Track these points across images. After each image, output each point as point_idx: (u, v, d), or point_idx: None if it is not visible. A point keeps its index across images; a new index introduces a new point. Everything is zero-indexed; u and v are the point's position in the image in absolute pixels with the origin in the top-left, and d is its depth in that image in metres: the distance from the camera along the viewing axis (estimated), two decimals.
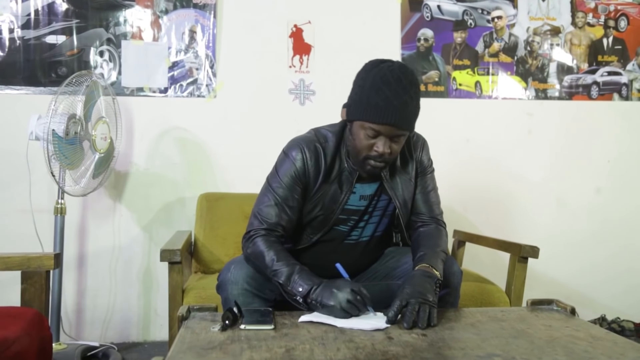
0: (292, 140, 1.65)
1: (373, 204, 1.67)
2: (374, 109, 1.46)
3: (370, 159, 1.53)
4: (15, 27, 2.74)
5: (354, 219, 1.66)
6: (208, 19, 2.88)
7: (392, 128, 1.48)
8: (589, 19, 3.18)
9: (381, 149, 1.50)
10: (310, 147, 1.60)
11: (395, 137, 1.51)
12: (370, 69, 1.52)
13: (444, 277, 1.53)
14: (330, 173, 1.61)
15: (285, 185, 1.59)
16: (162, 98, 2.85)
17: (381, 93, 1.46)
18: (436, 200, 1.77)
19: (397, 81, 1.46)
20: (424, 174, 1.75)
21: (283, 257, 1.50)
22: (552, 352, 1.14)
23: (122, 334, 2.82)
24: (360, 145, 1.53)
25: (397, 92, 1.45)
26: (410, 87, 1.48)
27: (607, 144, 3.16)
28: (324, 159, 1.60)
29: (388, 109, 1.45)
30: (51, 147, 2.28)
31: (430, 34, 3.05)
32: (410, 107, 1.49)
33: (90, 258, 2.80)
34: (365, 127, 1.50)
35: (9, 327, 1.29)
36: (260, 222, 1.58)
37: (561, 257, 3.03)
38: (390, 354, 1.11)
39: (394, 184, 1.66)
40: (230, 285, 1.52)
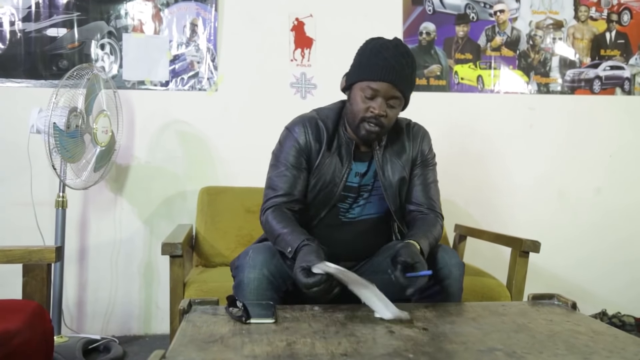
0: (295, 118, 1.75)
1: (368, 183, 1.72)
2: (373, 67, 1.58)
3: (366, 121, 1.61)
4: (16, 20, 2.73)
5: (352, 197, 1.71)
6: (209, 12, 2.87)
7: (389, 86, 1.57)
8: (592, 13, 3.16)
9: (377, 110, 1.58)
10: (311, 122, 1.70)
11: (391, 98, 1.60)
12: (371, 41, 1.65)
13: (444, 268, 1.56)
14: (330, 147, 1.69)
15: (292, 156, 1.67)
16: (163, 91, 2.85)
17: (380, 55, 1.58)
18: (436, 193, 1.81)
19: (394, 47, 1.59)
20: (425, 165, 1.79)
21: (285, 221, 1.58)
22: (553, 346, 1.14)
23: (124, 327, 2.82)
24: (357, 108, 1.61)
25: (395, 54, 1.57)
26: (407, 55, 1.60)
27: (609, 139, 3.16)
28: (325, 132, 1.68)
29: (386, 67, 1.56)
30: (52, 140, 2.28)
31: (432, 27, 3.03)
32: (407, 71, 1.59)
33: (92, 251, 2.80)
34: (363, 88, 1.59)
35: (11, 320, 1.30)
36: (273, 190, 1.67)
37: (562, 251, 3.03)
38: (392, 347, 1.11)
39: (384, 164, 1.71)
40: (248, 269, 1.52)
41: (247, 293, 1.50)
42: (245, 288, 1.51)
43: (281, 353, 1.06)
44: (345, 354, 1.06)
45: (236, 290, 1.55)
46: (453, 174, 3.02)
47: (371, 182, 1.73)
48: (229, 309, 1.31)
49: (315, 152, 1.67)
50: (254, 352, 1.06)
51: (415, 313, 1.38)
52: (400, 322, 1.28)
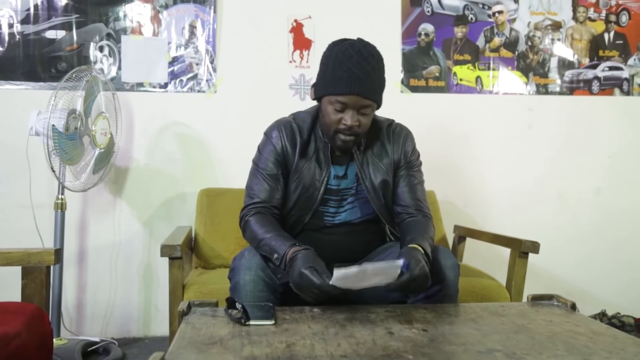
0: (272, 123, 1.77)
1: (351, 186, 1.71)
2: (337, 81, 1.55)
3: (339, 132, 1.60)
4: (15, 22, 2.73)
5: (335, 200, 1.71)
6: (208, 14, 2.87)
7: (357, 98, 1.55)
8: (590, 14, 3.17)
9: (349, 122, 1.57)
10: (287, 126, 1.71)
11: (361, 108, 1.58)
12: (332, 47, 1.62)
13: (439, 270, 1.55)
14: (307, 150, 1.69)
15: (270, 162, 1.69)
16: (162, 93, 2.85)
17: (343, 66, 1.55)
18: (422, 194, 1.77)
19: (358, 54, 1.55)
20: (409, 167, 1.76)
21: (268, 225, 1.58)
22: (553, 347, 1.14)
23: (123, 329, 2.82)
24: (329, 121, 1.60)
25: (358, 63, 1.54)
26: (371, 58, 1.56)
27: (608, 139, 3.16)
28: (299, 136, 1.69)
29: (350, 79, 1.53)
30: (51, 143, 2.28)
31: (430, 28, 3.04)
32: (373, 77, 1.57)
33: (91, 253, 2.80)
34: (332, 102, 1.58)
35: (10, 322, 1.30)
36: (251, 198, 1.68)
37: (562, 252, 3.03)
38: (391, 349, 1.11)
39: (365, 166, 1.70)
40: (244, 271, 1.52)
41: (243, 295, 1.50)
42: (241, 290, 1.51)
43: (280, 355, 1.06)
44: (344, 355, 1.06)
45: (232, 292, 1.55)
46: (452, 175, 3.03)
47: (354, 185, 1.72)
48: (228, 310, 1.31)
49: (292, 156, 1.68)
50: (254, 353, 1.06)
51: (415, 314, 1.38)
52: (399, 324, 1.28)
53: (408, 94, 2.99)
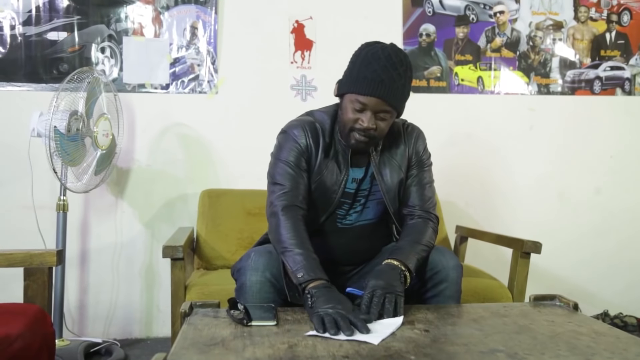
0: (292, 121, 1.71)
1: (364, 188, 1.70)
2: (362, 81, 1.53)
3: (355, 131, 1.58)
4: (17, 24, 2.74)
5: (348, 203, 1.69)
6: (209, 15, 2.88)
7: (377, 101, 1.53)
8: (592, 14, 3.17)
9: (366, 124, 1.55)
10: (311, 126, 1.67)
11: (380, 112, 1.56)
12: (364, 47, 1.60)
13: (442, 271, 1.55)
14: (329, 151, 1.66)
15: (293, 157, 1.63)
16: (163, 94, 2.85)
17: (370, 67, 1.53)
18: (430, 194, 1.75)
19: (386, 58, 1.53)
20: (421, 166, 1.74)
21: (298, 236, 1.51)
22: (555, 347, 1.14)
23: (125, 330, 2.82)
24: (346, 118, 1.58)
25: (385, 67, 1.52)
26: (399, 65, 1.54)
27: (609, 139, 3.16)
28: (322, 136, 1.66)
29: (374, 81, 1.52)
30: (53, 144, 2.28)
31: (432, 29, 3.04)
32: (398, 84, 1.55)
33: (93, 254, 2.81)
34: (352, 100, 1.56)
35: (12, 323, 1.30)
36: (280, 186, 1.60)
37: (563, 252, 3.03)
38: (393, 349, 1.11)
39: (382, 168, 1.69)
40: (250, 272, 1.52)
41: (249, 296, 1.50)
42: (247, 291, 1.50)
43: (282, 355, 1.06)
44: (346, 356, 1.06)
45: (238, 293, 1.55)
46: (454, 176, 3.02)
47: (368, 187, 1.70)
48: (230, 311, 1.31)
49: (315, 156, 1.65)
50: (256, 354, 1.06)
51: (417, 315, 1.38)
52: (401, 324, 1.28)
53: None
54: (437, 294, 1.57)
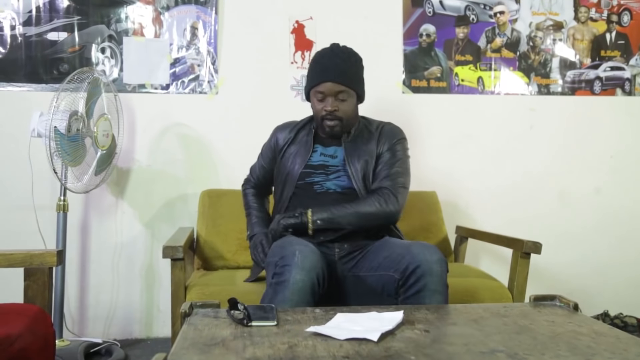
0: None
1: (338, 164, 1.96)
2: (314, 75, 1.93)
3: (324, 119, 1.92)
4: (17, 24, 2.74)
5: (318, 173, 1.96)
6: (209, 15, 2.88)
7: (331, 84, 1.88)
8: (592, 14, 3.17)
9: (329, 107, 1.89)
10: (284, 125, 2.14)
11: (338, 94, 1.89)
12: (314, 55, 2.01)
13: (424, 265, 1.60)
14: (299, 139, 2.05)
15: (262, 154, 2.19)
16: (163, 95, 2.85)
17: (318, 63, 1.94)
18: (396, 175, 1.93)
19: (330, 52, 1.94)
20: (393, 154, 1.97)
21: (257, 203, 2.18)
22: (555, 347, 1.14)
23: (125, 331, 2.82)
24: (315, 111, 1.96)
25: (330, 57, 1.92)
26: (342, 54, 1.92)
27: (609, 139, 3.16)
28: (291, 129, 2.08)
29: (323, 70, 1.90)
30: (53, 144, 2.28)
31: (432, 29, 3.04)
32: (344, 67, 1.90)
33: (93, 255, 2.81)
34: (314, 94, 1.93)
35: (12, 323, 1.30)
36: (251, 175, 2.26)
37: (563, 252, 3.03)
38: (393, 349, 1.10)
39: (352, 151, 1.96)
40: (296, 270, 1.57)
41: (288, 293, 1.53)
42: (288, 287, 1.54)
43: (283, 356, 1.06)
44: (347, 356, 1.06)
45: (276, 287, 1.57)
46: (454, 176, 3.03)
47: (341, 164, 1.96)
48: (230, 311, 1.31)
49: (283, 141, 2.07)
50: (256, 354, 1.06)
51: (417, 315, 1.38)
52: (401, 324, 1.28)
53: (410, 94, 2.99)
54: (422, 289, 1.59)
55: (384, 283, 1.70)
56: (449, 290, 1.67)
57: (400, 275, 1.64)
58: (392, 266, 1.68)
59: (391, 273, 1.67)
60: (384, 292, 1.70)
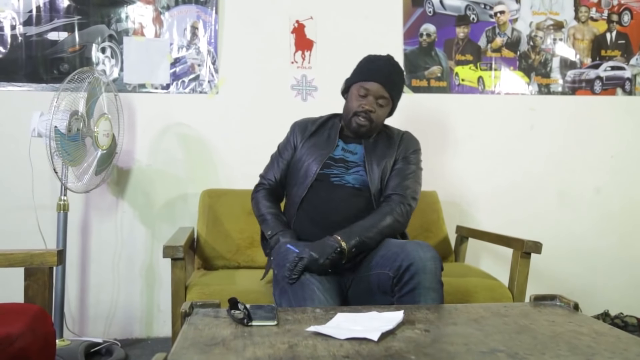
0: None
1: (358, 161, 1.98)
2: (366, 71, 1.98)
3: (357, 115, 1.95)
4: (17, 24, 2.74)
5: (339, 166, 1.97)
6: (210, 15, 2.88)
7: (379, 86, 1.94)
8: (592, 14, 3.16)
9: (367, 106, 1.94)
10: (303, 121, 2.14)
11: (380, 98, 1.95)
12: (368, 55, 2.05)
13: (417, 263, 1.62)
14: (319, 134, 2.07)
15: (280, 152, 2.13)
16: (164, 94, 2.85)
17: (373, 64, 1.99)
18: (412, 183, 1.96)
19: (387, 59, 2.00)
20: (406, 162, 2.00)
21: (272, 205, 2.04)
22: (556, 347, 1.14)
23: (125, 330, 2.82)
24: (351, 104, 1.98)
25: (386, 64, 1.98)
26: (397, 66, 2.00)
27: (610, 139, 3.15)
28: (311, 124, 2.10)
29: (377, 71, 1.96)
30: (53, 144, 2.28)
31: (432, 29, 3.04)
32: (395, 78, 1.99)
33: (93, 254, 2.81)
34: (358, 88, 1.96)
35: (13, 323, 1.30)
36: (260, 179, 2.15)
37: (564, 252, 3.02)
38: (393, 349, 1.11)
39: (372, 151, 1.99)
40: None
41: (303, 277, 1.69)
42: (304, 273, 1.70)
43: (283, 355, 1.06)
44: (347, 356, 1.06)
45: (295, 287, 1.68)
46: (454, 176, 3.03)
47: (360, 161, 1.98)
48: (230, 311, 1.31)
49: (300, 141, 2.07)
50: (256, 354, 1.06)
51: (417, 314, 1.38)
52: (401, 324, 1.28)
53: (410, 94, 2.99)
54: (416, 286, 1.60)
55: (379, 281, 1.71)
56: (444, 288, 1.68)
57: (394, 273, 1.65)
58: (387, 264, 1.69)
59: (386, 271, 1.68)
60: (380, 290, 1.72)
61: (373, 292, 1.74)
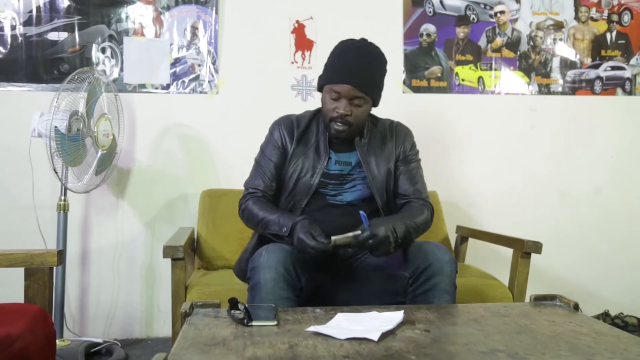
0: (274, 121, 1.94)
1: (353, 172, 1.82)
2: (335, 72, 1.74)
3: (333, 120, 1.75)
4: (17, 24, 2.74)
5: (334, 183, 1.81)
6: (210, 15, 2.88)
7: (349, 88, 1.70)
8: (592, 14, 3.16)
9: (341, 110, 1.71)
10: (286, 120, 1.90)
11: (354, 99, 1.72)
12: (339, 44, 1.80)
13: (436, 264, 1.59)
14: (306, 139, 1.85)
15: (266, 155, 1.87)
16: (164, 94, 2.85)
17: (341, 59, 1.74)
18: (422, 186, 1.87)
19: (356, 49, 1.74)
20: (408, 161, 1.87)
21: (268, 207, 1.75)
22: (556, 347, 1.14)
23: (126, 330, 2.82)
24: (325, 109, 1.77)
25: (354, 57, 1.72)
26: (369, 55, 1.74)
27: (610, 139, 3.15)
28: (297, 127, 1.86)
29: (345, 70, 1.71)
30: (54, 144, 2.28)
31: (432, 29, 3.04)
32: (368, 72, 1.73)
33: (93, 255, 2.81)
34: (329, 91, 1.75)
35: (13, 323, 1.30)
36: (247, 190, 1.85)
37: (564, 252, 3.02)
38: (394, 349, 1.10)
39: (368, 157, 1.82)
40: (264, 270, 1.54)
41: (264, 294, 1.52)
42: (262, 289, 1.52)
43: (283, 355, 1.06)
44: (347, 356, 1.06)
45: (253, 292, 1.56)
46: (454, 176, 3.03)
47: (357, 171, 1.82)
48: (230, 311, 1.31)
49: (289, 145, 1.84)
50: (256, 354, 1.06)
51: (417, 314, 1.38)
52: (401, 324, 1.28)
53: (410, 94, 2.99)
54: (432, 288, 1.59)
55: (393, 281, 1.67)
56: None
57: (410, 273, 1.63)
58: (401, 265, 1.66)
59: (401, 271, 1.65)
60: (391, 291, 1.68)
61: (384, 292, 1.69)
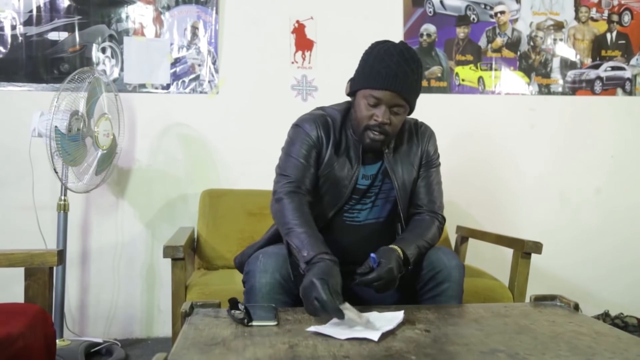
0: (304, 115, 1.72)
1: (376, 185, 1.69)
2: (375, 76, 1.55)
3: (369, 129, 1.58)
4: (18, 24, 2.74)
5: (356, 198, 1.68)
6: (210, 15, 2.88)
7: (392, 95, 1.54)
8: (593, 14, 3.16)
9: (380, 118, 1.56)
10: (321, 119, 1.67)
11: (394, 106, 1.57)
12: (375, 45, 1.62)
13: (444, 270, 1.56)
14: (339, 146, 1.66)
15: (304, 149, 1.63)
16: (164, 94, 2.85)
17: (383, 62, 1.55)
18: (439, 194, 1.78)
19: (399, 54, 1.55)
20: (429, 166, 1.77)
21: (302, 217, 1.52)
22: (556, 347, 1.14)
23: (126, 330, 2.82)
24: (361, 115, 1.59)
25: (398, 62, 1.54)
26: (411, 61, 1.56)
27: (610, 139, 3.15)
28: (333, 130, 1.66)
29: (388, 75, 1.53)
30: (54, 144, 2.28)
31: (433, 29, 3.04)
32: (411, 78, 1.56)
33: (94, 254, 2.81)
34: (366, 96, 1.57)
35: (13, 323, 1.30)
36: (285, 177, 1.62)
37: (564, 252, 3.02)
38: (394, 349, 1.10)
39: (395, 165, 1.69)
40: (260, 274, 1.51)
41: (259, 298, 1.50)
42: (257, 293, 1.50)
43: (283, 355, 1.06)
44: (347, 356, 1.06)
45: (248, 295, 1.54)
46: (455, 176, 3.01)
47: (379, 184, 1.70)
48: (231, 311, 1.31)
49: (325, 148, 1.65)
50: (256, 354, 1.06)
51: (417, 315, 1.38)
52: (402, 324, 1.28)
53: None
54: (440, 294, 1.57)
55: (401, 287, 1.57)
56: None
57: (419, 279, 1.61)
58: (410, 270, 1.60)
59: (408, 277, 1.60)
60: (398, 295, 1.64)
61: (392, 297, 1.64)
